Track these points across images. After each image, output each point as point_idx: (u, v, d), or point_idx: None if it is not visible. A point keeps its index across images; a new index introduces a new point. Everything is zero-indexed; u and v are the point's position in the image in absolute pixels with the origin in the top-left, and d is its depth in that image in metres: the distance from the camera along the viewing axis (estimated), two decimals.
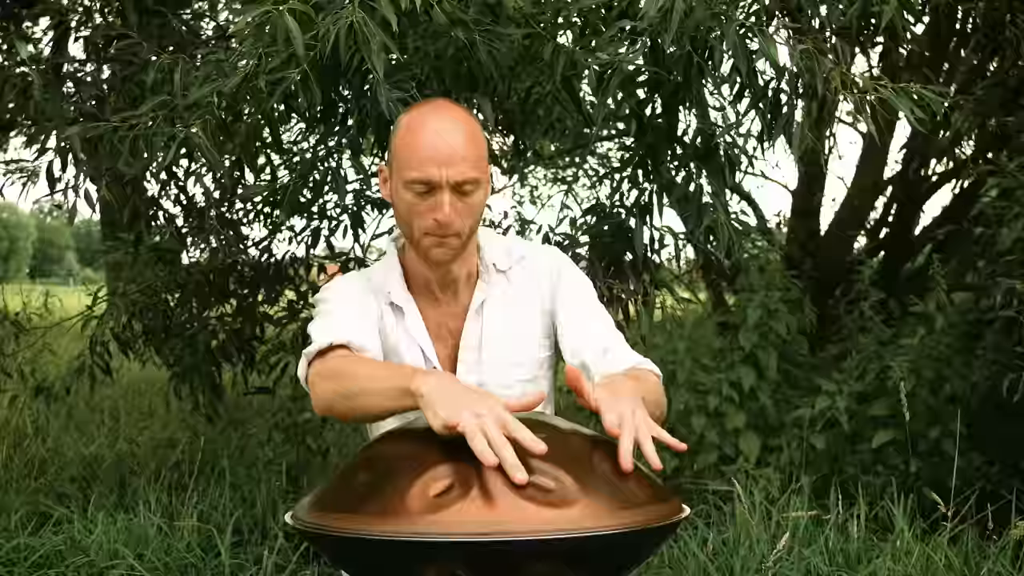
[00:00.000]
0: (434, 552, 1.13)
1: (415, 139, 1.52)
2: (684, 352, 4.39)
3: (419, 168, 1.50)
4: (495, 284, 1.66)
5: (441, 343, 1.66)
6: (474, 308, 1.64)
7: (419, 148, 1.51)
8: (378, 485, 1.20)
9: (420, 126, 1.53)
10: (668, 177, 2.85)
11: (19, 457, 4.38)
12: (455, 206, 1.51)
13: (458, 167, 1.50)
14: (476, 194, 1.54)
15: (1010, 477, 3.65)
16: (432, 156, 1.50)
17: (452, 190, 1.51)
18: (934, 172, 5.39)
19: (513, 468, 1.14)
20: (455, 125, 1.53)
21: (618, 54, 2.41)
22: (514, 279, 1.68)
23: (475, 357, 1.64)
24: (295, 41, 1.99)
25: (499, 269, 1.67)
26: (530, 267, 1.69)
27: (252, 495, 3.81)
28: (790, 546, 3.06)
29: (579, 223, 3.29)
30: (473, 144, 1.53)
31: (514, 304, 1.66)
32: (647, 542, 1.27)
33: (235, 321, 3.94)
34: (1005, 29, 3.80)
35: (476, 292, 1.65)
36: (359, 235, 3.42)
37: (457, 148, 1.50)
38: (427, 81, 2.46)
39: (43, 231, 53.91)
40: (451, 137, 1.51)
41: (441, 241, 1.54)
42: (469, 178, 1.51)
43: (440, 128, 1.52)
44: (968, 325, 4.01)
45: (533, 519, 1.13)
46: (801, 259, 5.13)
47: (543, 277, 1.68)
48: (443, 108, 1.57)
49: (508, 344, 1.64)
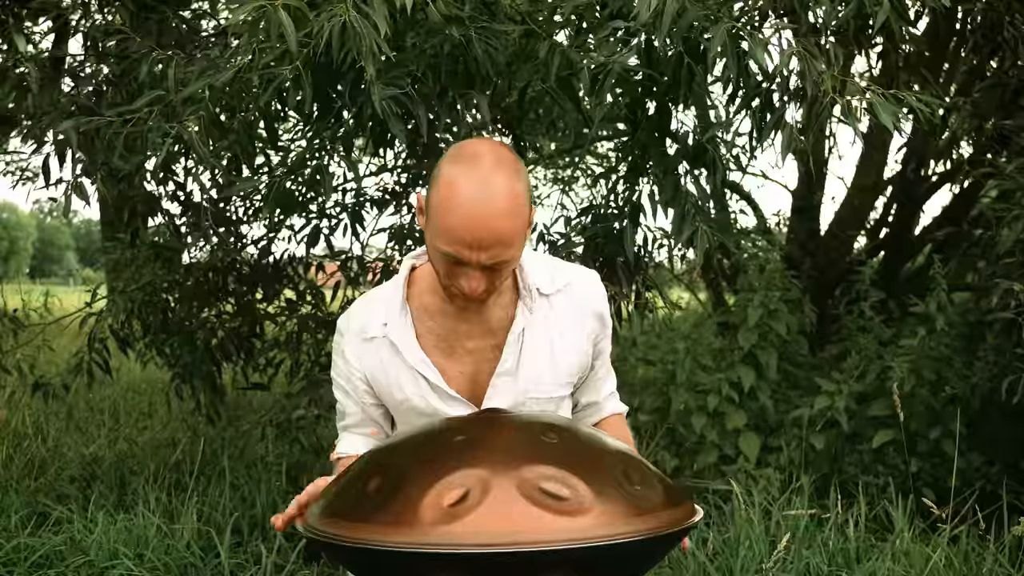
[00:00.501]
0: (449, 563, 1.12)
1: (450, 208, 1.39)
2: (684, 352, 4.39)
3: (450, 245, 1.40)
4: (538, 309, 1.58)
5: (454, 361, 1.58)
6: (515, 333, 1.56)
7: (452, 225, 1.38)
8: (391, 493, 1.19)
9: (456, 195, 1.38)
10: (658, 178, 2.84)
11: (19, 457, 4.38)
12: (486, 278, 1.44)
13: (492, 252, 1.39)
14: (510, 265, 1.45)
15: (1010, 477, 3.65)
16: (465, 240, 1.38)
17: (483, 267, 1.42)
18: (934, 172, 5.39)
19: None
20: (495, 200, 1.38)
21: (611, 54, 2.41)
22: (558, 305, 1.60)
23: (510, 384, 1.57)
24: (288, 38, 1.98)
25: (543, 293, 1.59)
26: (576, 296, 1.61)
27: (252, 495, 3.81)
28: (789, 546, 3.06)
29: (574, 223, 3.28)
30: (513, 222, 1.40)
31: (556, 330, 1.59)
32: (661, 547, 1.27)
33: (233, 319, 3.94)
34: (1003, 30, 3.80)
35: (517, 317, 1.57)
36: (359, 233, 3.42)
37: (494, 233, 1.38)
38: (423, 78, 2.45)
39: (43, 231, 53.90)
40: (489, 221, 1.37)
41: (467, 304, 1.50)
42: (502, 260, 1.41)
43: (477, 207, 1.37)
44: (968, 326, 4.01)
45: (548, 528, 1.12)
46: (801, 259, 5.13)
47: (591, 314, 1.62)
48: (487, 175, 1.39)
49: (545, 371, 1.59)
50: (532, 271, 1.59)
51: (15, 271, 40.80)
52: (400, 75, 2.36)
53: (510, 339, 1.56)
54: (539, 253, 1.78)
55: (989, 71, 4.37)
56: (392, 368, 1.60)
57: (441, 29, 2.24)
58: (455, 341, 1.59)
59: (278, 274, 3.85)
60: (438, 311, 1.59)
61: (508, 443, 1.29)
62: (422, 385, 1.58)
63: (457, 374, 1.59)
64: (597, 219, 3.18)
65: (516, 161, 1.46)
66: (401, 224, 3.63)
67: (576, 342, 1.61)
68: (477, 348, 1.58)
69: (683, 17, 2.21)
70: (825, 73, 2.32)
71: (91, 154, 2.69)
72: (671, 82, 2.54)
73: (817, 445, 3.98)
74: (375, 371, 1.61)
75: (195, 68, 2.42)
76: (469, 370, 1.59)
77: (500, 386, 1.57)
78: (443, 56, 2.38)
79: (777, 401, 4.29)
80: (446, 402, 1.58)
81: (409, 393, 1.59)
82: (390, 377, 1.60)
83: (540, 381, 1.58)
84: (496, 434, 1.32)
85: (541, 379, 1.58)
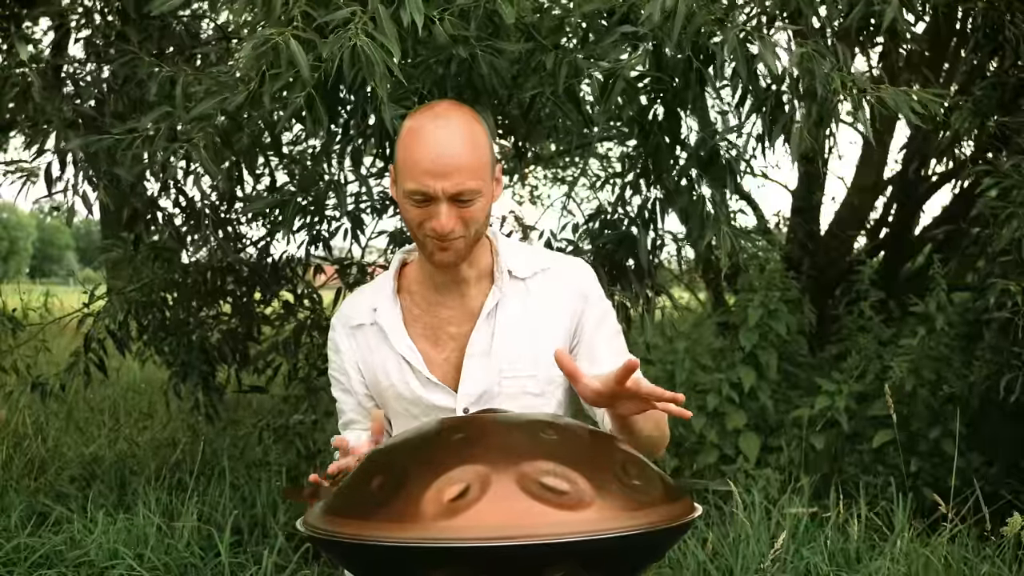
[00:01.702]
0: (450, 558, 1.12)
1: (412, 149, 1.49)
2: (684, 352, 4.39)
3: (415, 180, 1.48)
4: (510, 291, 1.61)
5: (439, 348, 1.62)
6: (485, 312, 1.59)
7: (416, 159, 1.48)
8: (391, 491, 1.19)
9: (417, 134, 1.50)
10: (671, 185, 2.85)
11: (19, 457, 4.38)
12: (455, 215, 1.49)
13: (454, 179, 1.47)
14: (477, 202, 1.50)
15: (1010, 477, 3.65)
16: (428, 168, 1.47)
17: (450, 200, 1.48)
18: (934, 172, 5.39)
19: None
20: (453, 132, 1.49)
21: (619, 60, 2.41)
22: (535, 289, 1.62)
23: (482, 364, 1.59)
24: (302, 68, 2.01)
25: (516, 276, 1.62)
26: (555, 279, 1.64)
27: (252, 495, 3.81)
28: (788, 545, 3.06)
29: (582, 229, 3.28)
30: (473, 152, 1.49)
31: (533, 315, 1.61)
32: (663, 541, 1.27)
33: (231, 321, 3.95)
34: (1005, 29, 3.80)
35: (489, 295, 1.60)
36: (359, 237, 3.42)
37: (453, 158, 1.47)
38: (430, 95, 2.46)
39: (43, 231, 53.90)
40: (448, 146, 1.47)
41: (443, 246, 1.52)
42: (467, 189, 1.48)
43: (437, 136, 1.48)
44: (967, 325, 4.01)
45: (549, 522, 1.12)
46: (801, 259, 5.14)
47: (569, 295, 1.63)
48: (443, 114, 1.52)
49: (521, 355, 1.59)
50: (507, 255, 1.63)
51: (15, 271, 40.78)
52: (407, 93, 2.38)
53: (480, 319, 1.60)
54: (520, 243, 1.80)
55: (990, 70, 4.38)
56: (379, 353, 1.63)
57: (447, 48, 2.25)
58: (439, 328, 1.62)
59: (276, 276, 3.86)
60: (423, 299, 1.64)
61: (507, 440, 1.30)
62: (405, 370, 1.61)
63: (442, 361, 1.62)
64: (606, 225, 3.17)
65: (474, 112, 1.56)
66: (401, 228, 3.64)
67: (555, 322, 1.62)
68: (459, 334, 1.62)
69: (692, 21, 2.21)
70: (834, 72, 2.32)
71: (94, 164, 2.70)
72: (681, 87, 2.54)
73: (817, 445, 3.98)
74: (365, 358, 1.65)
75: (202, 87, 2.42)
76: (452, 356, 1.62)
77: (472, 366, 1.60)
78: (449, 75, 2.39)
79: (777, 401, 4.29)
80: (427, 388, 1.61)
81: (394, 379, 1.62)
82: (376, 363, 1.63)
83: (515, 360, 1.59)
84: (495, 432, 1.33)
85: (516, 359, 1.59)
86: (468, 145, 1.49)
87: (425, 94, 2.44)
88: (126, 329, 3.69)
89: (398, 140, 1.55)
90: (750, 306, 4.20)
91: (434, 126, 1.49)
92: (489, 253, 1.64)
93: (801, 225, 5.51)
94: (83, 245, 49.38)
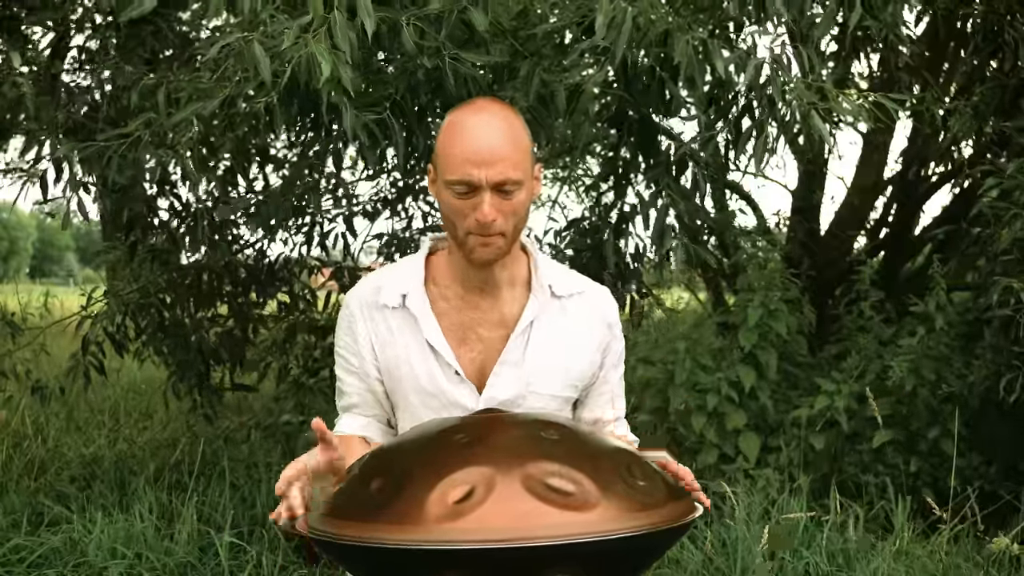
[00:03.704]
0: (455, 559, 1.12)
1: (455, 140, 1.51)
2: (684, 352, 4.39)
3: (459, 169, 1.49)
4: (549, 308, 1.62)
5: (466, 347, 1.61)
6: (523, 323, 1.60)
7: (458, 149, 1.50)
8: (395, 493, 1.19)
9: (460, 126, 1.51)
10: (638, 193, 2.86)
11: (19, 457, 4.38)
12: (497, 206, 1.50)
13: (498, 167, 1.48)
14: (518, 194, 1.51)
15: (1007, 477, 3.65)
16: (471, 157, 1.48)
17: (493, 190, 1.49)
18: (934, 172, 5.39)
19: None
20: (495, 124, 1.51)
21: (583, 75, 2.42)
22: (571, 310, 1.64)
23: (513, 374, 1.59)
24: (263, 70, 2.02)
25: (556, 294, 1.63)
26: (590, 305, 1.66)
27: (252, 495, 3.81)
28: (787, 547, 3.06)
29: (563, 235, 3.30)
30: (514, 144, 1.51)
31: (567, 335, 1.63)
32: (664, 541, 1.28)
33: (227, 322, 3.95)
34: (1004, 32, 3.80)
35: (528, 307, 1.61)
36: (348, 244, 3.44)
37: (496, 148, 1.49)
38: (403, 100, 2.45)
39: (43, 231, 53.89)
40: (491, 137, 1.49)
41: (485, 241, 1.52)
42: (510, 178, 1.49)
43: (479, 128, 1.50)
44: (967, 325, 4.01)
45: (554, 523, 1.13)
46: (801, 259, 5.13)
47: (600, 322, 1.66)
48: (484, 108, 1.54)
49: (551, 371, 1.61)
50: (546, 270, 1.64)
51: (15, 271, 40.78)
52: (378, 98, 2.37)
53: (518, 329, 1.60)
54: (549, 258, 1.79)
55: (989, 72, 4.37)
56: (402, 339, 1.61)
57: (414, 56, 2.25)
58: (468, 328, 1.61)
59: (272, 277, 3.86)
60: (454, 295, 1.62)
61: (511, 441, 1.30)
62: (431, 361, 1.59)
63: (467, 361, 1.60)
64: (580, 233, 3.19)
65: (514, 108, 1.59)
66: (394, 231, 3.65)
67: (586, 348, 1.65)
68: (489, 338, 1.61)
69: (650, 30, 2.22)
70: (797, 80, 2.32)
71: (89, 169, 2.71)
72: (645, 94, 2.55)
73: (817, 445, 3.98)
74: (383, 341, 1.62)
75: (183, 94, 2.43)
76: (479, 358, 1.60)
77: (503, 375, 1.59)
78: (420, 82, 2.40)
79: (777, 401, 4.28)
80: (453, 383, 1.59)
81: (418, 369, 1.60)
82: (398, 348, 1.61)
83: (545, 376, 1.60)
84: (498, 433, 1.33)
85: (546, 374, 1.60)
86: (510, 136, 1.51)
87: (398, 99, 2.44)
88: (124, 330, 3.70)
89: (439, 136, 1.56)
90: (750, 306, 4.20)
91: (476, 119, 1.52)
92: (524, 262, 1.65)
93: (801, 225, 5.50)
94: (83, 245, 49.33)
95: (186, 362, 3.84)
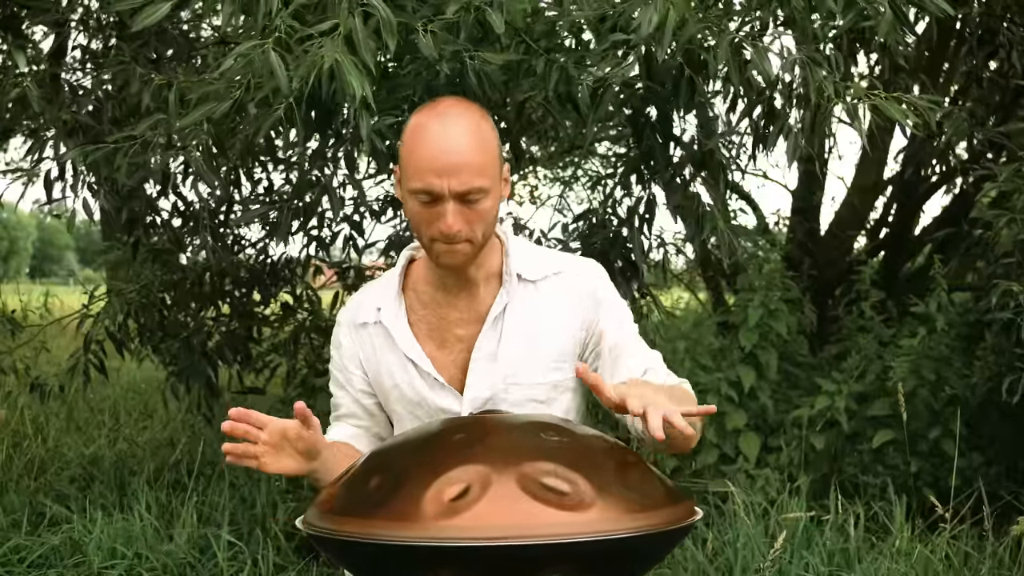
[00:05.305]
0: (451, 557, 1.12)
1: (417, 147, 1.45)
2: (684, 352, 4.38)
3: (420, 178, 1.43)
4: (518, 294, 1.57)
5: (446, 350, 1.58)
6: (492, 316, 1.55)
7: (420, 157, 1.44)
8: (392, 490, 1.19)
9: (422, 131, 1.45)
10: (664, 183, 2.85)
11: (19, 457, 4.37)
12: (461, 215, 1.44)
13: (461, 176, 1.42)
14: (484, 201, 1.46)
15: (1008, 478, 3.65)
16: (432, 166, 1.42)
17: (457, 199, 1.43)
18: (933, 173, 5.39)
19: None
20: (459, 129, 1.44)
21: (610, 69, 2.41)
22: (545, 291, 1.58)
23: (488, 368, 1.55)
24: (280, 79, 2.00)
25: (525, 279, 1.57)
26: (566, 283, 1.59)
27: (251, 495, 3.81)
28: (786, 545, 3.06)
29: (571, 229, 3.28)
30: (479, 150, 1.45)
31: (541, 318, 1.57)
32: (662, 544, 1.27)
33: (230, 322, 3.95)
34: (1001, 34, 3.80)
35: (496, 300, 1.56)
36: (356, 244, 3.43)
37: (460, 156, 1.42)
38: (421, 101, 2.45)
39: (43, 231, 53.88)
40: (454, 144, 1.42)
41: (450, 248, 1.47)
42: (473, 187, 1.43)
43: (442, 134, 1.43)
44: (968, 326, 4.01)
45: (550, 522, 1.12)
46: (801, 259, 5.13)
47: (582, 298, 1.59)
48: (448, 110, 1.47)
49: (526, 360, 1.56)
50: (517, 258, 1.59)
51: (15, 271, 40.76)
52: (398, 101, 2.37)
53: (488, 321, 1.56)
54: (532, 244, 1.77)
55: (987, 73, 4.37)
56: (383, 354, 1.60)
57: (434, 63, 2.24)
58: (446, 330, 1.59)
59: (275, 277, 3.86)
60: (431, 299, 1.60)
61: (508, 441, 1.30)
62: (411, 371, 1.58)
63: (448, 363, 1.59)
64: (594, 226, 3.18)
65: (481, 108, 1.52)
66: (399, 233, 3.65)
67: (564, 327, 1.58)
68: (467, 335, 1.58)
69: (684, 29, 2.21)
70: (827, 79, 2.32)
71: (93, 170, 2.71)
72: (672, 93, 2.54)
73: (817, 445, 3.98)
74: (368, 358, 1.62)
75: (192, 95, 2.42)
76: (460, 358, 1.58)
77: (478, 371, 1.56)
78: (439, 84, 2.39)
79: (777, 401, 4.28)
80: (434, 390, 1.58)
81: (399, 380, 1.59)
82: (381, 364, 1.61)
83: (522, 365, 1.56)
84: (495, 433, 1.33)
85: (523, 363, 1.56)
86: (474, 142, 1.45)
87: (416, 101, 2.43)
88: (125, 330, 3.69)
89: (402, 138, 1.50)
90: (750, 306, 4.20)
91: (439, 123, 1.45)
92: (499, 254, 1.60)
93: (801, 225, 5.50)
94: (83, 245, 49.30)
95: (191, 365, 3.84)
